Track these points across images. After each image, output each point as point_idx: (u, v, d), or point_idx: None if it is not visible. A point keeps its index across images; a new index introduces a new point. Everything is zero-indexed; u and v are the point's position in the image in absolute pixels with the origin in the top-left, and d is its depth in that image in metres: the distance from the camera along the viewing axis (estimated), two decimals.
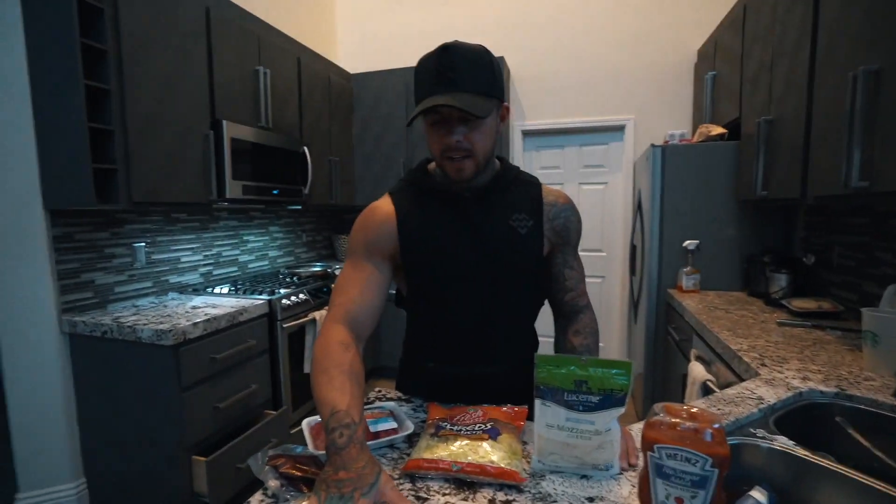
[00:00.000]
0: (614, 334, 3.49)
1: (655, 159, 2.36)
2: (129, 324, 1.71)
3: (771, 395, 1.01)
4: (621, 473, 0.71)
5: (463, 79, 0.77)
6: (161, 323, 1.72)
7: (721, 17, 2.71)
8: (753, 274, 2.13)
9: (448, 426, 0.79)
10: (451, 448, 0.73)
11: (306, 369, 2.36)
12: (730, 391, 1.04)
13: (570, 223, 0.98)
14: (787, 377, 1.11)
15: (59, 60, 1.61)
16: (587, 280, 3.42)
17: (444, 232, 0.90)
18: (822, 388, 1.05)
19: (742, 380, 1.28)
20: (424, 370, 1.02)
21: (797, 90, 1.57)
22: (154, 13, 1.83)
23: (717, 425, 0.52)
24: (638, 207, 2.79)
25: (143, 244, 2.15)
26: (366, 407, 0.92)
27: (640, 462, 0.73)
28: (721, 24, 2.50)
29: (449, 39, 0.82)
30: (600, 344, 3.51)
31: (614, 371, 0.69)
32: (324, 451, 0.74)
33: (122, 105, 1.73)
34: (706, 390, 1.46)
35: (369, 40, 3.82)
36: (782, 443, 0.83)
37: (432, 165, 0.97)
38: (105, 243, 1.99)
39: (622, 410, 0.69)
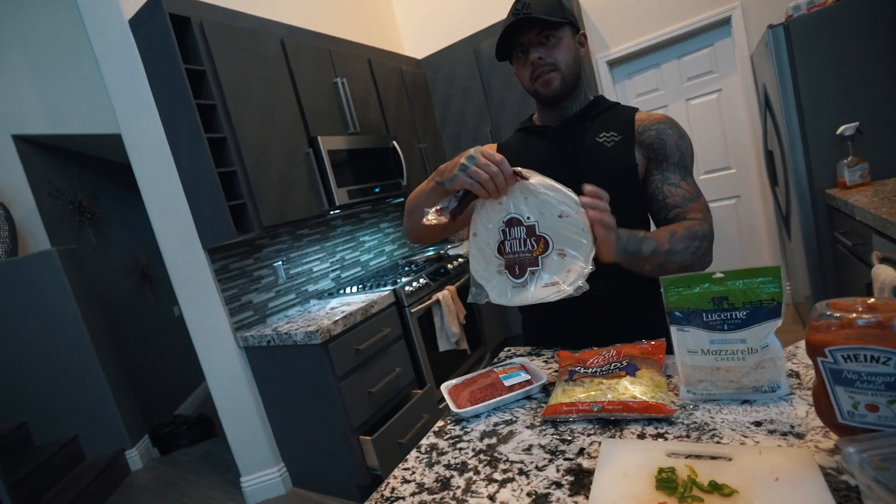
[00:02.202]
0: (764, 258, 3.04)
1: (778, 43, 1.97)
2: (285, 331, 1.97)
3: None
4: (792, 394, 0.62)
5: (532, 8, 0.88)
6: (309, 326, 1.95)
7: None
8: None
9: (582, 370, 0.77)
10: (590, 390, 0.71)
11: (441, 347, 2.49)
12: None
13: (664, 135, 0.91)
14: None
15: (184, 123, 1.90)
16: (719, 203, 3.05)
17: (537, 160, 0.96)
18: None
19: None
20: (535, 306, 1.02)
21: None
22: (243, 60, 2.05)
23: None
24: (766, 106, 2.37)
25: (281, 263, 2.46)
26: (497, 364, 0.93)
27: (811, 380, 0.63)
28: None
29: None
30: None
31: (759, 280, 0.60)
32: (467, 409, 0.77)
33: (237, 147, 1.98)
34: None
35: (430, 21, 3.80)
36: None
37: (535, 115, 1.07)
38: (252, 268, 2.32)
39: (779, 322, 0.60)
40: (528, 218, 0.75)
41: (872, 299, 0.45)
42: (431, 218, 0.77)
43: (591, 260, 0.72)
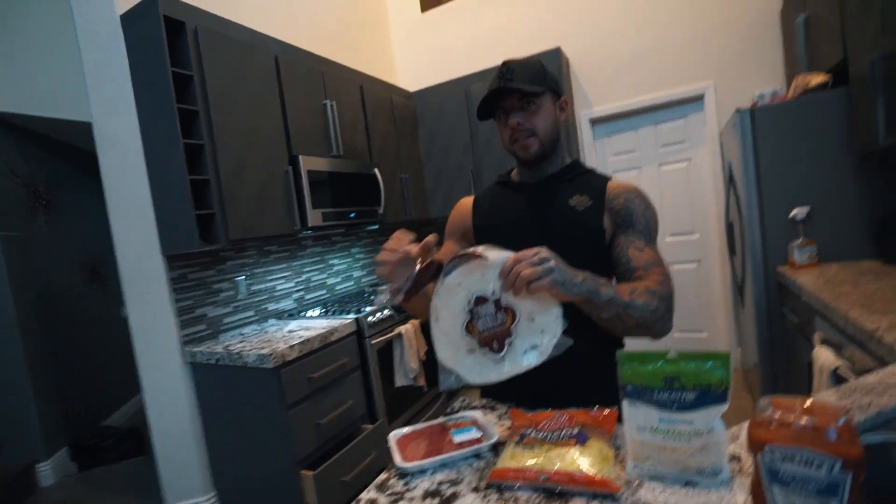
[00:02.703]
0: (719, 322, 3.16)
1: (743, 125, 2.12)
2: (236, 351, 1.89)
3: None
4: (732, 479, 0.63)
5: (516, 75, 0.93)
6: (262, 348, 1.87)
7: None
8: (888, 238, 1.81)
9: (533, 433, 0.76)
10: (538, 457, 0.70)
11: (398, 382, 2.43)
12: (869, 378, 0.88)
13: (631, 203, 0.95)
14: None
15: (162, 125, 1.85)
16: (681, 266, 3.18)
17: (510, 213, 1.03)
18: None
19: (883, 362, 1.08)
20: None
21: None
22: (232, 71, 2.04)
23: (843, 420, 0.44)
24: (730, 181, 2.52)
25: (244, 277, 2.38)
26: (449, 417, 0.91)
27: (751, 475, 0.65)
28: None
29: (502, 40, 1.06)
30: (701, 334, 3.21)
31: (709, 364, 0.62)
32: (412, 463, 0.75)
33: (214, 156, 1.94)
34: (838, 380, 1.25)
35: (426, 57, 3.91)
36: None
37: (515, 171, 1.12)
38: (212, 280, 2.23)
39: (724, 408, 0.61)
40: (493, 292, 0.77)
41: (810, 401, 0.47)
42: (384, 299, 0.80)
43: (562, 316, 0.75)
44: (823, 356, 1.34)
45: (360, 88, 2.91)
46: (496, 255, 0.76)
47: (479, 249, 0.77)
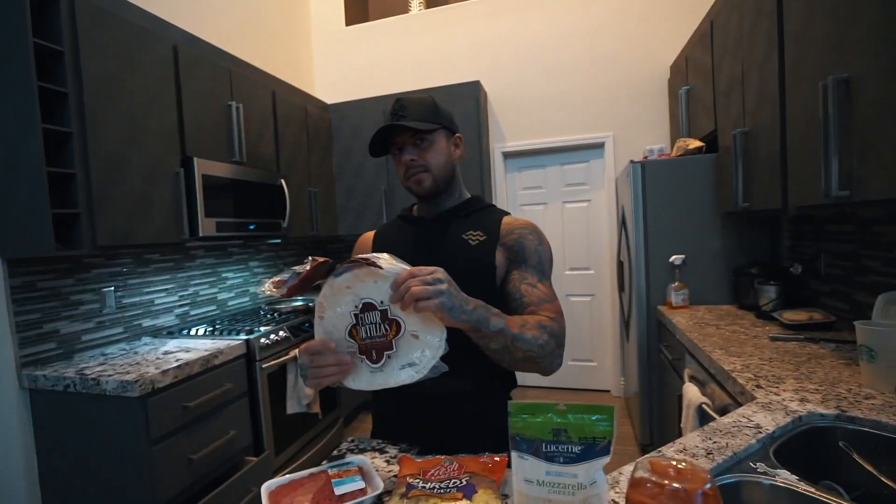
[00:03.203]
0: (607, 353, 3.42)
1: (635, 175, 2.35)
2: (92, 376, 1.61)
3: (769, 422, 0.95)
4: None
5: (408, 112, 0.94)
6: (128, 373, 1.62)
7: (690, 32, 2.76)
8: (742, 287, 2.09)
9: (420, 484, 0.72)
10: None
11: (290, 409, 2.25)
12: (725, 420, 0.98)
13: (524, 239, 0.97)
14: (784, 399, 1.05)
15: (15, 104, 1.56)
16: (577, 298, 3.40)
17: (407, 247, 1.02)
18: (821, 410, 0.99)
19: (737, 401, 1.22)
20: (384, 393, 0.97)
21: (769, 102, 1.56)
22: (118, 53, 1.80)
23: (708, 485, 0.46)
24: (622, 223, 2.77)
25: (113, 288, 2.07)
26: (333, 464, 0.84)
27: None
28: (691, 40, 2.53)
29: (425, 66, 1.04)
30: (591, 363, 3.45)
31: (595, 417, 0.62)
32: None
33: (84, 147, 1.67)
34: (702, 414, 1.39)
35: (347, 71, 3.84)
36: (784, 478, 0.77)
37: (416, 207, 1.12)
38: (70, 290, 1.91)
39: (607, 460, 0.62)
40: (382, 302, 0.75)
41: (685, 464, 0.48)
42: (266, 289, 0.75)
43: (445, 340, 0.75)
44: (691, 392, 1.49)
45: (272, 93, 2.75)
46: (390, 267, 0.74)
47: (376, 257, 0.74)
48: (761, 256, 2.21)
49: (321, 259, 0.74)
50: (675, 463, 0.49)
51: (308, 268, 0.73)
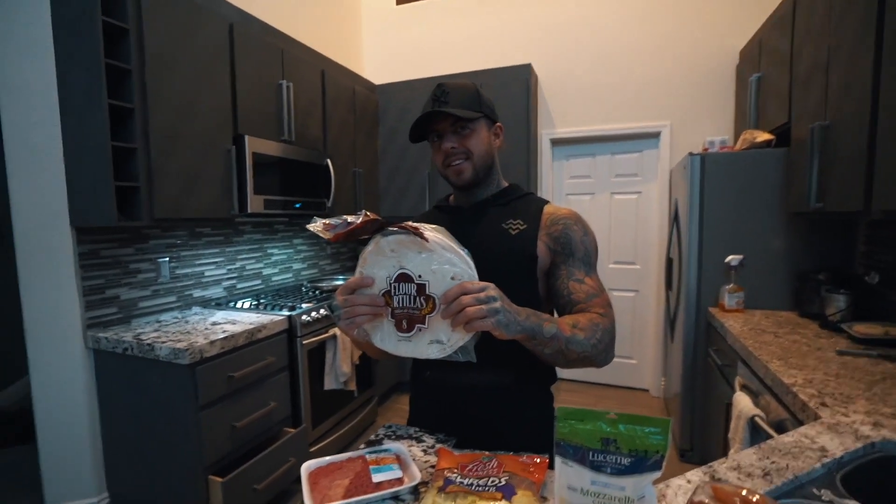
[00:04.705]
0: (649, 352, 3.30)
1: (694, 169, 2.20)
2: (148, 341, 1.70)
3: (836, 446, 0.87)
4: None
5: (451, 98, 0.91)
6: (179, 341, 1.70)
7: (765, 15, 2.53)
8: (806, 293, 1.94)
9: (458, 479, 0.71)
10: None
11: (327, 386, 2.32)
12: (786, 439, 0.90)
13: (570, 230, 0.93)
14: (854, 422, 0.96)
15: (84, 80, 1.64)
16: (620, 294, 3.28)
17: None
18: None
19: (796, 418, 1.14)
20: (425, 382, 1.01)
21: (859, 91, 1.40)
22: (178, 32, 1.84)
23: None
24: (675, 219, 2.63)
25: (168, 259, 2.17)
26: (371, 450, 0.84)
27: None
28: (766, 23, 2.33)
29: (475, 48, 0.99)
30: (631, 360, 3.34)
31: (648, 429, 0.58)
32: None
33: (144, 123, 1.74)
34: (754, 427, 1.30)
35: (396, 51, 3.80)
36: None
37: (452, 196, 1.08)
38: (130, 259, 2.01)
39: (658, 475, 0.58)
40: (420, 276, 0.73)
41: (756, 497, 0.44)
42: (316, 226, 0.74)
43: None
44: (743, 402, 1.40)
45: (321, 73, 2.76)
46: (436, 239, 0.73)
47: (425, 227, 0.73)
48: (830, 262, 2.04)
49: (374, 216, 0.72)
50: (743, 492, 0.44)
51: (359, 221, 0.71)
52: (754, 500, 0.43)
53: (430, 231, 0.74)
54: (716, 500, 0.45)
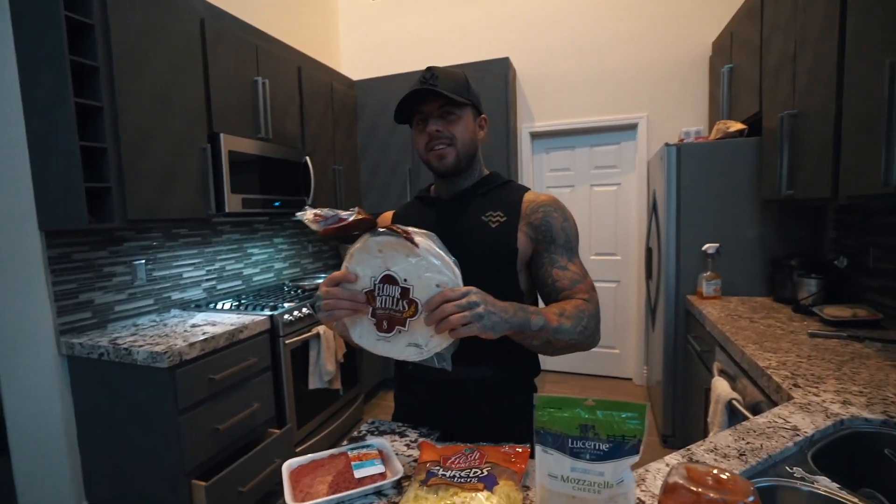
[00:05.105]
0: (630, 340, 3.36)
1: (670, 159, 2.24)
2: (125, 346, 1.66)
3: (808, 425, 0.90)
4: None
5: (440, 82, 0.89)
6: (157, 344, 1.67)
7: (736, 7, 2.58)
8: (779, 279, 1.99)
9: (440, 472, 0.71)
10: (442, 501, 0.65)
11: (312, 385, 2.30)
12: (760, 420, 0.93)
13: (550, 218, 0.93)
14: (824, 401, 1.00)
15: (48, 78, 1.58)
16: (602, 284, 3.33)
17: (425, 228, 0.93)
18: (866, 414, 0.93)
19: (771, 399, 1.17)
20: (409, 376, 1.01)
21: (824, 81, 1.44)
22: (146, 27, 1.79)
23: (751, 498, 0.43)
24: (653, 209, 2.67)
25: (143, 261, 2.12)
26: (353, 446, 0.84)
27: None
28: (737, 15, 2.37)
29: (453, 42, 0.98)
30: (614, 350, 3.39)
31: (625, 414, 0.59)
32: (306, 503, 0.67)
33: (114, 122, 1.69)
34: (732, 411, 1.34)
35: (373, 47, 3.77)
36: (825, 485, 0.72)
37: (433, 187, 1.07)
38: (104, 262, 1.96)
39: (636, 459, 0.60)
40: (405, 280, 0.73)
41: (726, 474, 0.45)
42: (306, 216, 0.73)
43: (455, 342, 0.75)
44: (721, 387, 1.43)
45: (297, 69, 2.72)
46: (426, 246, 0.73)
47: (415, 232, 0.73)
48: (801, 248, 2.10)
49: (366, 215, 0.72)
50: (715, 471, 0.46)
51: (351, 219, 0.71)
52: (724, 477, 0.45)
53: (420, 236, 0.74)
54: (689, 480, 0.46)
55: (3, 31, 1.62)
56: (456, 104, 0.91)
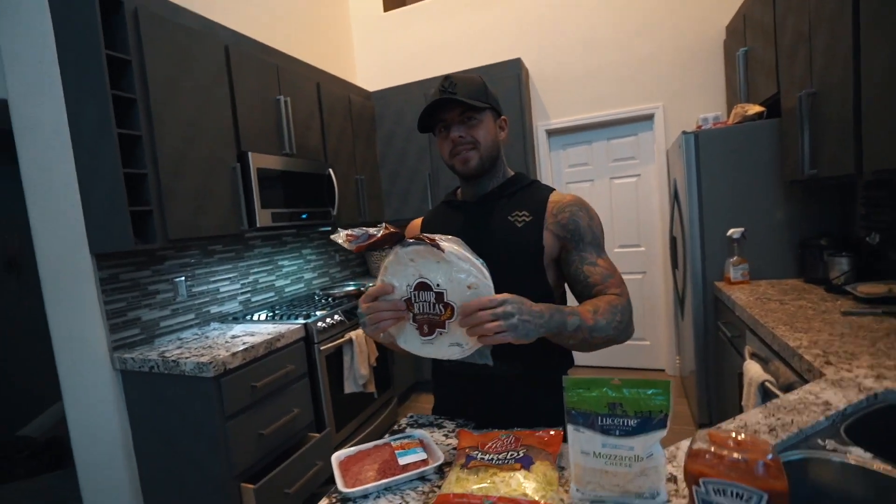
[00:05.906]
0: (661, 331, 3.33)
1: (688, 147, 2.23)
2: (172, 358, 1.77)
3: (840, 399, 0.90)
4: (669, 501, 0.65)
5: (458, 89, 0.93)
6: (202, 356, 1.77)
7: None
8: (809, 259, 1.96)
9: (479, 455, 0.75)
10: (483, 481, 0.69)
11: (347, 389, 2.37)
12: (791, 396, 0.94)
13: (577, 217, 0.96)
14: (857, 376, 1.00)
15: (93, 113, 1.70)
16: (628, 276, 3.31)
17: (452, 231, 0.96)
18: None
19: (804, 379, 1.17)
20: (446, 371, 1.05)
21: (842, 58, 1.43)
22: (177, 59, 1.91)
23: (770, 456, 0.46)
24: (675, 198, 2.66)
25: (184, 278, 2.24)
26: (395, 437, 0.89)
27: (687, 498, 0.67)
28: None
29: (464, 47, 1.03)
30: (645, 342, 3.37)
31: (651, 391, 0.63)
32: (354, 489, 0.73)
33: (152, 148, 1.81)
34: (765, 392, 1.34)
35: (387, 58, 3.86)
36: (857, 455, 0.74)
37: (459, 190, 1.11)
38: (148, 281, 2.08)
39: (664, 433, 0.63)
40: (438, 285, 0.77)
41: (745, 435, 0.48)
42: (340, 237, 0.78)
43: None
44: (753, 370, 1.43)
45: (316, 85, 2.82)
46: (453, 250, 0.76)
47: (440, 238, 0.77)
48: (831, 227, 2.06)
49: (393, 229, 0.77)
50: (734, 434, 0.49)
51: (380, 234, 0.76)
52: (741, 437, 0.48)
53: (446, 242, 0.77)
54: (711, 443, 0.49)
55: (52, 72, 1.76)
56: (476, 109, 0.95)
